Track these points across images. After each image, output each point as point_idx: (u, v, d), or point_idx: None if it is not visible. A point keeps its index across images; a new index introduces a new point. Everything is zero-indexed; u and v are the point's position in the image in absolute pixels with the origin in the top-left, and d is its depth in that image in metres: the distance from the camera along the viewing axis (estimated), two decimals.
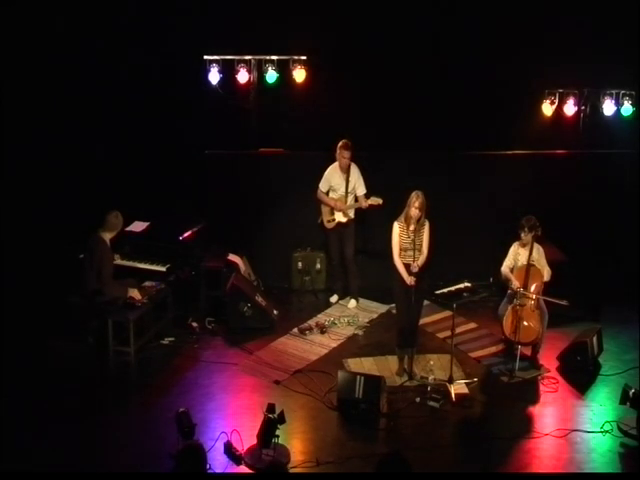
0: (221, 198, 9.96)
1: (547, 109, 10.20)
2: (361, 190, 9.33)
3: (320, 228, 9.66)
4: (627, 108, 9.90)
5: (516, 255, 8.18)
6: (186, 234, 9.07)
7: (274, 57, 9.79)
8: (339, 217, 9.46)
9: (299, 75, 9.81)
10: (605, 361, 8.36)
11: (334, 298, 9.83)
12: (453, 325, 7.80)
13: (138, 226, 9.04)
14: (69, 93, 9.67)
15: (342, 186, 9.35)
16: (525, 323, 7.92)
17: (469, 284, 7.91)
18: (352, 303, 9.67)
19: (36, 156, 9.55)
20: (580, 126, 10.35)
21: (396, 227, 7.82)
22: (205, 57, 9.73)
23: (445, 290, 7.86)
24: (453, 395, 7.54)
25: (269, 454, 6.49)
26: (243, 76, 9.78)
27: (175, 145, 10.00)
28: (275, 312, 9.18)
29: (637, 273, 9.61)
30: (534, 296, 7.92)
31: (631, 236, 9.70)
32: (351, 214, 9.46)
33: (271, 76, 9.77)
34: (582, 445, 6.92)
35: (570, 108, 10.15)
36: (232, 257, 9.56)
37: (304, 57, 9.81)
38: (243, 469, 6.49)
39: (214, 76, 9.73)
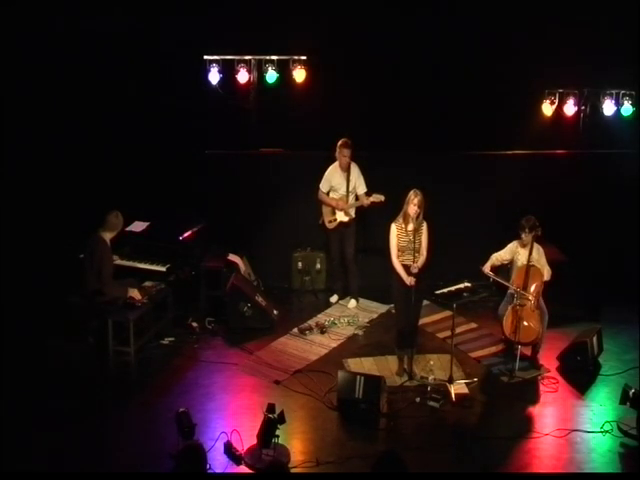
0: (221, 198, 9.96)
1: (547, 109, 10.19)
2: (362, 189, 9.32)
3: (321, 228, 9.66)
4: (627, 108, 9.89)
5: (515, 254, 8.19)
6: (186, 234, 9.08)
7: (274, 57, 9.78)
8: (341, 217, 9.45)
9: (299, 75, 9.81)
10: (605, 361, 8.36)
11: (334, 298, 9.83)
12: (453, 325, 7.80)
13: (138, 226, 9.05)
14: (69, 93, 9.65)
15: (343, 185, 9.34)
16: (525, 323, 7.92)
17: (469, 284, 7.92)
18: (352, 303, 9.67)
19: (36, 156, 9.54)
20: (580, 126, 10.34)
21: (393, 228, 7.81)
22: (205, 57, 9.72)
23: (445, 290, 7.87)
24: (453, 395, 7.54)
25: (269, 454, 6.50)
26: (243, 76, 9.78)
27: (175, 145, 9.99)
28: (275, 312, 9.18)
29: (637, 273, 9.61)
30: (532, 298, 7.91)
31: (631, 236, 9.70)
32: (352, 213, 9.45)
33: (271, 76, 9.76)
34: (582, 445, 6.93)
35: (570, 108, 10.14)
36: (232, 257, 9.56)
37: (304, 57, 9.81)
38: (243, 469, 6.50)
39: (214, 76, 9.72)
